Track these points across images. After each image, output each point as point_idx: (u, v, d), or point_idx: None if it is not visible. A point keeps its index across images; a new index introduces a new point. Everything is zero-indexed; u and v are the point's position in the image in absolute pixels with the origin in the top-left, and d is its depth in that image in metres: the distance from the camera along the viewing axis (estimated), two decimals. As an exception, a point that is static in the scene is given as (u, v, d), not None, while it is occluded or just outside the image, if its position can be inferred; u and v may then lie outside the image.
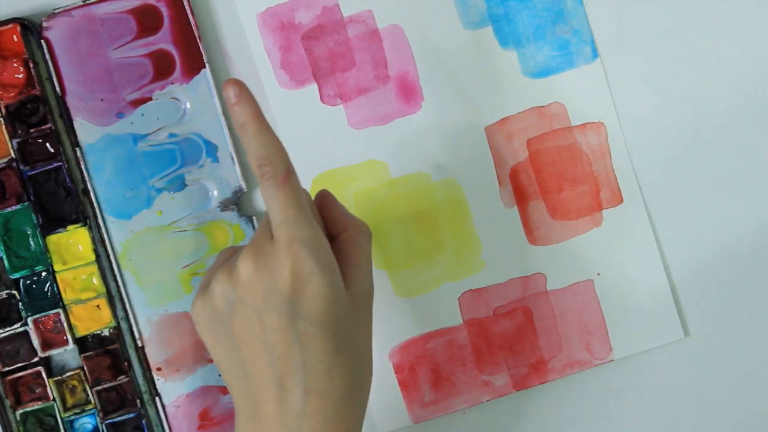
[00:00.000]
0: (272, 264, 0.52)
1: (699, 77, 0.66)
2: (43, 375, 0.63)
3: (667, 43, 0.65)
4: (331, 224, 0.57)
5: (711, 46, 0.66)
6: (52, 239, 0.63)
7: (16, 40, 0.63)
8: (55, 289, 0.63)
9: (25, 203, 0.63)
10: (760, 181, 0.66)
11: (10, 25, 0.63)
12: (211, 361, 0.64)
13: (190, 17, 0.63)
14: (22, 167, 0.63)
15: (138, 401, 0.63)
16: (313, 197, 0.65)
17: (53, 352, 0.63)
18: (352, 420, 0.54)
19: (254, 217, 0.64)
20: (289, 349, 0.53)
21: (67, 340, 0.63)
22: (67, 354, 0.64)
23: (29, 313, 0.63)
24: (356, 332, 0.54)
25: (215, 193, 0.64)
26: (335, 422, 0.53)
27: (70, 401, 0.64)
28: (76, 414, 0.63)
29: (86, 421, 0.64)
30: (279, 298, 0.52)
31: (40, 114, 0.63)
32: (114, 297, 0.64)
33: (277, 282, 0.52)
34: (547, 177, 0.65)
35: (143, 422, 0.63)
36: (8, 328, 0.63)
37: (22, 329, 0.63)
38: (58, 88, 0.63)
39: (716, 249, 0.66)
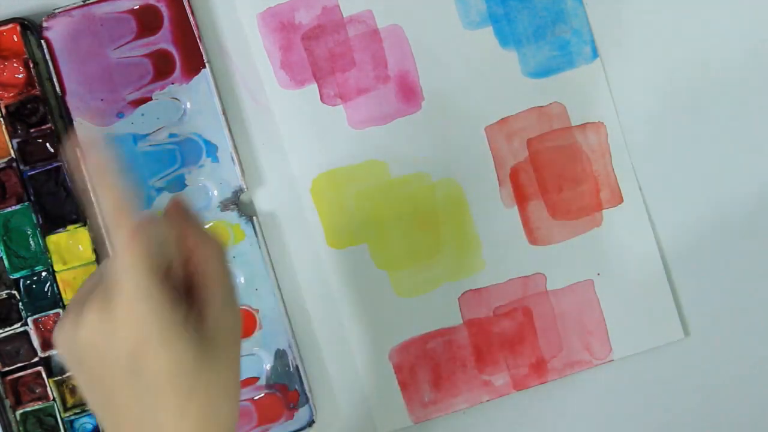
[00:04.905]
0: (115, 324, 0.50)
1: (699, 77, 0.66)
2: (43, 375, 0.63)
3: (667, 43, 0.65)
4: (183, 243, 0.53)
5: (711, 46, 0.65)
6: (52, 239, 0.63)
7: (16, 40, 0.63)
8: (55, 289, 0.63)
9: (25, 203, 0.63)
10: (761, 181, 0.66)
11: (10, 25, 0.63)
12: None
13: (190, 17, 0.63)
14: (22, 167, 0.63)
15: (138, 401, 0.64)
16: (312, 197, 0.64)
17: (53, 352, 0.63)
18: None
19: (254, 217, 0.64)
20: (138, 398, 0.51)
21: (67, 340, 0.63)
22: (67, 354, 0.64)
23: (29, 313, 0.63)
24: (212, 374, 0.51)
25: (215, 193, 0.64)
26: None
27: (70, 401, 0.64)
28: (76, 414, 0.63)
29: (86, 421, 0.64)
30: (121, 361, 0.50)
31: (40, 114, 0.63)
32: (114, 297, 0.64)
33: (119, 346, 0.50)
34: (547, 177, 0.65)
35: (143, 422, 0.64)
36: (8, 328, 0.63)
37: (22, 329, 0.63)
38: (58, 88, 0.63)
39: (716, 249, 0.66)
